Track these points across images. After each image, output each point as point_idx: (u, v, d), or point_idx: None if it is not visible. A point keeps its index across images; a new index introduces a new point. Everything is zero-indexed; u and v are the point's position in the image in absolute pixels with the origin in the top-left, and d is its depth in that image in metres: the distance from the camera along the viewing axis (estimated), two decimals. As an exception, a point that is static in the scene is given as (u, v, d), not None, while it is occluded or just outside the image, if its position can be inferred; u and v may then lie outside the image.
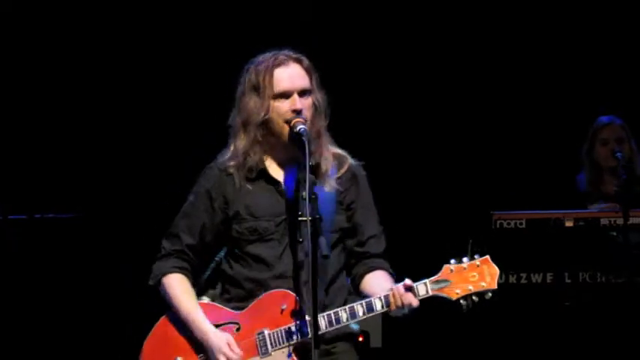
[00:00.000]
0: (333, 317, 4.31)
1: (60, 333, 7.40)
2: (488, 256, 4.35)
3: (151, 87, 7.89)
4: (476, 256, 4.35)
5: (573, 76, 7.93)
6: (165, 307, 4.51)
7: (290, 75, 4.41)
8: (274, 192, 4.45)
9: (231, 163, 4.46)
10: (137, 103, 7.93)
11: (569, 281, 6.46)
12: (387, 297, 4.31)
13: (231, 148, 4.48)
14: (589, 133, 7.00)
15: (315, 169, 4.37)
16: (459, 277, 4.31)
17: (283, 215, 4.43)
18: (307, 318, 4.31)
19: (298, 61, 4.45)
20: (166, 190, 7.75)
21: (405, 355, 7.91)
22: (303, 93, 4.42)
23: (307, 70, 4.45)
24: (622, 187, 6.41)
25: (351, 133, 4.65)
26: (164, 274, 4.50)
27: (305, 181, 4.21)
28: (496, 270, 4.33)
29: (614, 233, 6.45)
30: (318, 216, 4.15)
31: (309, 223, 4.14)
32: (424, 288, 4.31)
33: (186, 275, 4.49)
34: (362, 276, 4.50)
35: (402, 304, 4.28)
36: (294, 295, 4.35)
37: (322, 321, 4.29)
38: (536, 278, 6.48)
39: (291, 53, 4.46)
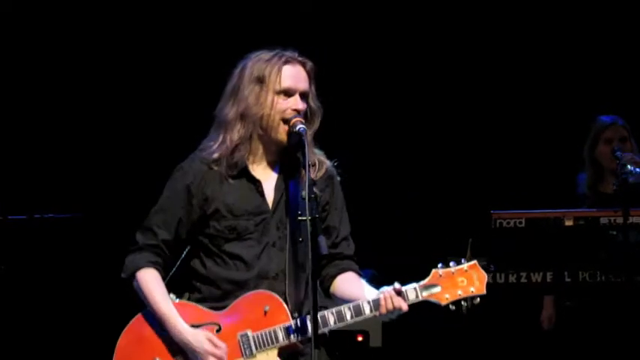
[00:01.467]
0: (320, 321, 4.25)
1: (59, 333, 7.39)
2: (476, 261, 4.37)
3: (150, 86, 7.89)
4: (463, 261, 4.36)
5: (572, 76, 7.93)
6: (139, 302, 4.44)
7: (296, 75, 4.42)
8: (254, 191, 4.43)
9: (216, 155, 4.41)
10: (136, 103, 7.93)
11: (568, 280, 6.45)
12: (376, 301, 4.29)
13: (220, 139, 4.43)
14: (591, 132, 6.99)
15: (300, 170, 4.37)
16: (448, 282, 4.33)
17: (263, 215, 4.41)
18: (292, 321, 4.29)
19: (303, 63, 4.45)
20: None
21: (405, 355, 7.91)
22: (303, 95, 4.42)
23: (309, 74, 4.45)
24: (621, 187, 6.40)
25: (352, 132, 4.65)
26: (138, 268, 4.42)
27: (305, 182, 4.20)
28: (484, 275, 4.35)
29: (614, 232, 6.44)
30: (317, 215, 4.14)
31: (308, 223, 4.12)
32: (414, 293, 4.31)
33: (159, 271, 4.41)
34: (332, 277, 4.48)
35: (393, 307, 4.27)
36: (277, 296, 4.32)
37: (309, 324, 4.23)
38: (536, 277, 6.47)
39: (296, 55, 4.46)
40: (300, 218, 4.26)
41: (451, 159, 8.00)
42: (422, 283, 4.32)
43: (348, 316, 4.29)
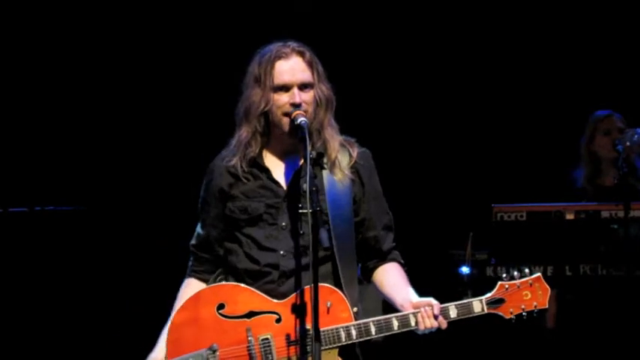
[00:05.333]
0: (363, 328, 4.32)
1: (60, 327, 7.39)
2: (540, 274, 4.47)
3: (150, 80, 7.89)
4: (527, 272, 4.46)
5: (571, 72, 7.93)
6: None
7: (291, 68, 4.40)
8: (266, 178, 4.46)
9: (232, 153, 4.49)
10: (137, 97, 7.92)
11: (569, 274, 6.47)
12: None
13: (235, 137, 4.50)
14: (588, 126, 7.00)
15: (320, 160, 4.39)
16: (513, 296, 4.43)
17: (276, 199, 4.43)
18: (355, 320, 4.31)
19: (301, 54, 4.44)
20: (168, 183, 7.76)
21: (405, 349, 7.90)
22: (303, 86, 4.40)
23: (309, 64, 4.44)
24: (622, 180, 6.41)
25: (353, 127, 4.64)
26: (186, 276, 4.60)
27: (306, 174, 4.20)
28: (548, 289, 4.46)
29: (615, 226, 6.45)
30: (318, 208, 4.13)
31: (310, 216, 4.10)
32: (479, 305, 4.38)
33: (198, 280, 4.53)
34: (374, 268, 4.54)
35: (430, 326, 4.37)
36: (339, 292, 4.32)
37: (353, 331, 4.29)
38: (537, 271, 6.45)
39: (295, 45, 4.44)
40: (301, 211, 4.28)
41: (452, 153, 8.00)
42: (488, 296, 4.41)
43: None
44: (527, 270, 4.48)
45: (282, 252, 4.38)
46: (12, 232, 7.11)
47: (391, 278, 4.48)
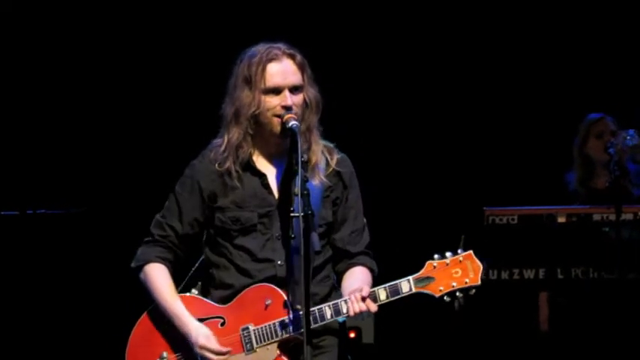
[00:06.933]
0: (318, 314, 4.31)
1: (55, 332, 7.38)
2: (471, 252, 4.34)
3: (148, 81, 7.88)
4: (459, 251, 4.34)
5: (564, 75, 7.94)
6: (145, 294, 4.50)
7: (282, 71, 4.39)
8: (260, 184, 4.45)
9: (222, 155, 4.44)
10: (134, 98, 7.92)
11: (561, 277, 6.47)
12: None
13: (224, 139, 4.46)
14: (581, 129, 7.01)
15: (304, 164, 4.36)
16: (442, 274, 4.32)
17: (268, 208, 4.43)
18: (292, 314, 4.30)
19: (291, 56, 4.42)
20: (164, 185, 7.75)
21: (397, 352, 7.91)
22: (294, 89, 4.39)
23: (300, 66, 4.42)
24: (614, 183, 6.42)
25: (346, 129, 4.64)
26: (147, 261, 4.49)
27: (297, 178, 4.19)
28: (479, 265, 4.32)
29: (607, 229, 6.45)
30: (310, 212, 4.12)
31: (301, 219, 4.10)
32: (407, 285, 4.31)
33: (167, 267, 4.47)
34: (343, 272, 4.50)
35: (359, 311, 4.28)
36: (279, 290, 4.34)
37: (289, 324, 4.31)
38: (529, 274, 6.48)
39: (285, 48, 4.43)
40: (292, 215, 4.26)
41: (444, 155, 8.00)
42: (416, 275, 4.32)
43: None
44: (459, 250, 4.35)
45: (279, 262, 4.39)
46: (3, 236, 7.10)
47: (351, 280, 4.44)
